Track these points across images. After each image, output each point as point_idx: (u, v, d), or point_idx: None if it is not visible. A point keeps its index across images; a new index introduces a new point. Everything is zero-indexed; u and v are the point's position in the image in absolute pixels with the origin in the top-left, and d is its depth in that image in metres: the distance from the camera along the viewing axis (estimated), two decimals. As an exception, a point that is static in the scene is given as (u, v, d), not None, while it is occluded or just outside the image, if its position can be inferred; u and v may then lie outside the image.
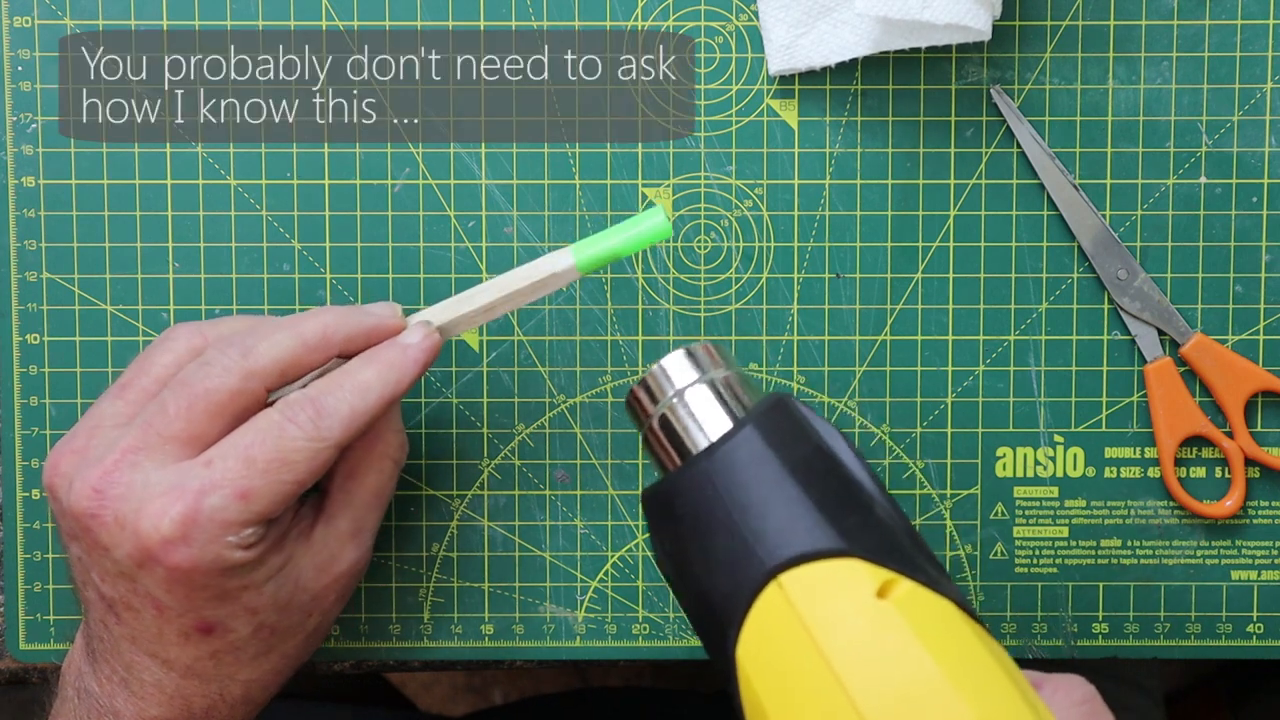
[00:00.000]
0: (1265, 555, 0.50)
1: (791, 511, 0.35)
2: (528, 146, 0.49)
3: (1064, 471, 0.50)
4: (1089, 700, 0.36)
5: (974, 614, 0.35)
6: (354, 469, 0.43)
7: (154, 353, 0.43)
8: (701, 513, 0.36)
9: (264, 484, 0.39)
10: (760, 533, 0.35)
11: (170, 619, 0.40)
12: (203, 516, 0.39)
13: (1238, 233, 0.49)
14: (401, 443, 0.44)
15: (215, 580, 0.40)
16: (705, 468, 0.36)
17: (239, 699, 0.42)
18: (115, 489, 0.39)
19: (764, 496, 0.35)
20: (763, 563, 0.34)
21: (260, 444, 0.39)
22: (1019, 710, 0.32)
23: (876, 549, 0.34)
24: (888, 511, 0.36)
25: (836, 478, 0.36)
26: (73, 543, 0.41)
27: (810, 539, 0.34)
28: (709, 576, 0.35)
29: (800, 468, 0.36)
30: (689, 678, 1.05)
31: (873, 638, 0.32)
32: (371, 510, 0.44)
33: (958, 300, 0.49)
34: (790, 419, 0.37)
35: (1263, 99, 0.49)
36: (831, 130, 0.49)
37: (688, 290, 0.49)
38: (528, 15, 0.49)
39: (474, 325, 0.45)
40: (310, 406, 0.40)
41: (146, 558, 0.39)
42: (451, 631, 0.50)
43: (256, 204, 0.49)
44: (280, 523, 0.42)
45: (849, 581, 0.34)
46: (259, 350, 0.41)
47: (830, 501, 0.35)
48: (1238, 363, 0.49)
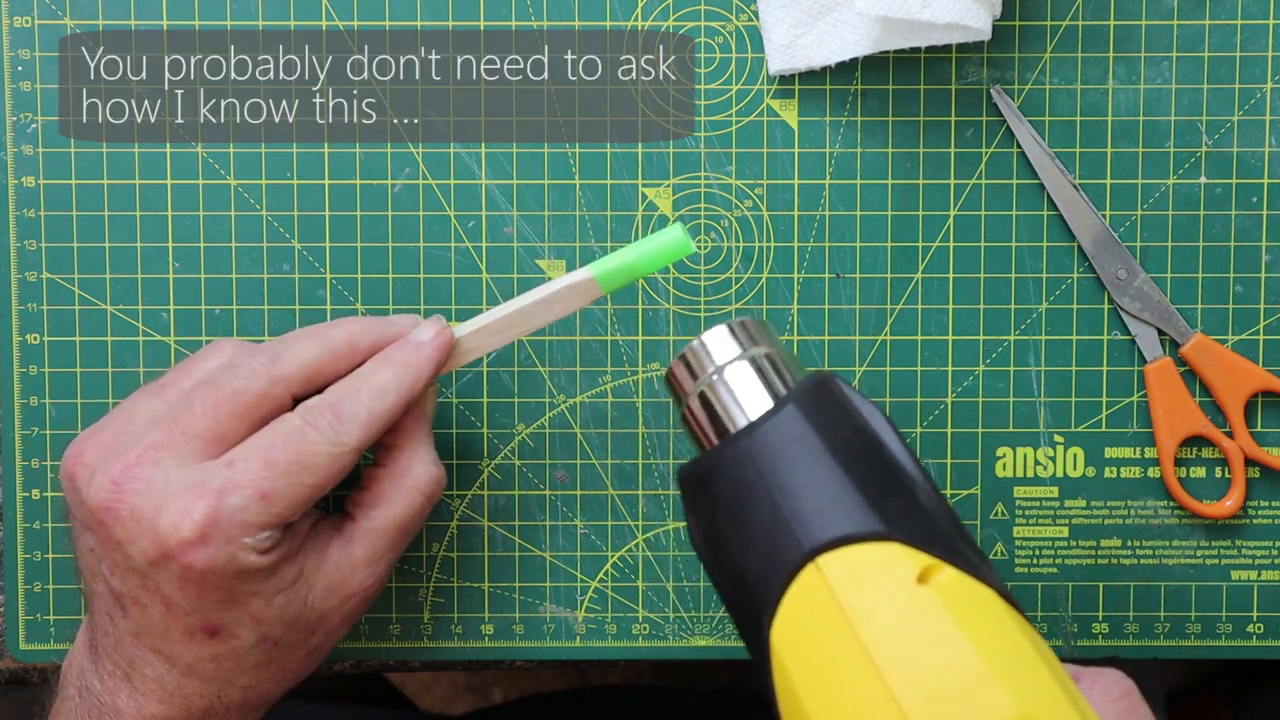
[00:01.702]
0: (1265, 555, 0.50)
1: (832, 493, 0.34)
2: (528, 146, 0.49)
3: (1064, 471, 0.50)
4: (1128, 695, 0.36)
5: (1016, 603, 0.34)
6: (379, 497, 0.43)
7: (198, 358, 0.43)
8: (740, 492, 0.35)
9: (284, 486, 0.40)
10: (799, 514, 0.34)
11: (178, 617, 0.40)
12: (223, 516, 0.39)
13: (1238, 233, 0.49)
14: (433, 476, 0.44)
15: (227, 583, 0.40)
16: (745, 446, 0.35)
17: (236, 703, 0.42)
18: (135, 484, 0.39)
19: (804, 477, 0.34)
20: (801, 544, 0.33)
21: (281, 447, 0.40)
22: (1058, 702, 0.31)
23: (918, 534, 0.33)
24: (930, 496, 0.35)
25: (879, 460, 0.35)
26: (86, 534, 0.41)
27: (850, 521, 0.33)
28: (745, 557, 0.35)
29: (842, 449, 0.35)
30: (689, 678, 1.05)
31: (911, 624, 0.32)
32: (392, 541, 0.43)
33: (958, 300, 0.49)
34: (833, 399, 0.36)
35: (1263, 99, 0.49)
36: (831, 130, 0.49)
37: (688, 290, 0.49)
38: (528, 15, 0.49)
39: (495, 346, 0.45)
40: (329, 412, 0.41)
41: (163, 555, 0.39)
42: (451, 631, 0.50)
43: (256, 204, 0.49)
44: (296, 535, 0.42)
45: (889, 566, 0.33)
46: (286, 356, 0.42)
47: (871, 484, 0.34)
48: (1238, 363, 0.49)
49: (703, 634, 0.50)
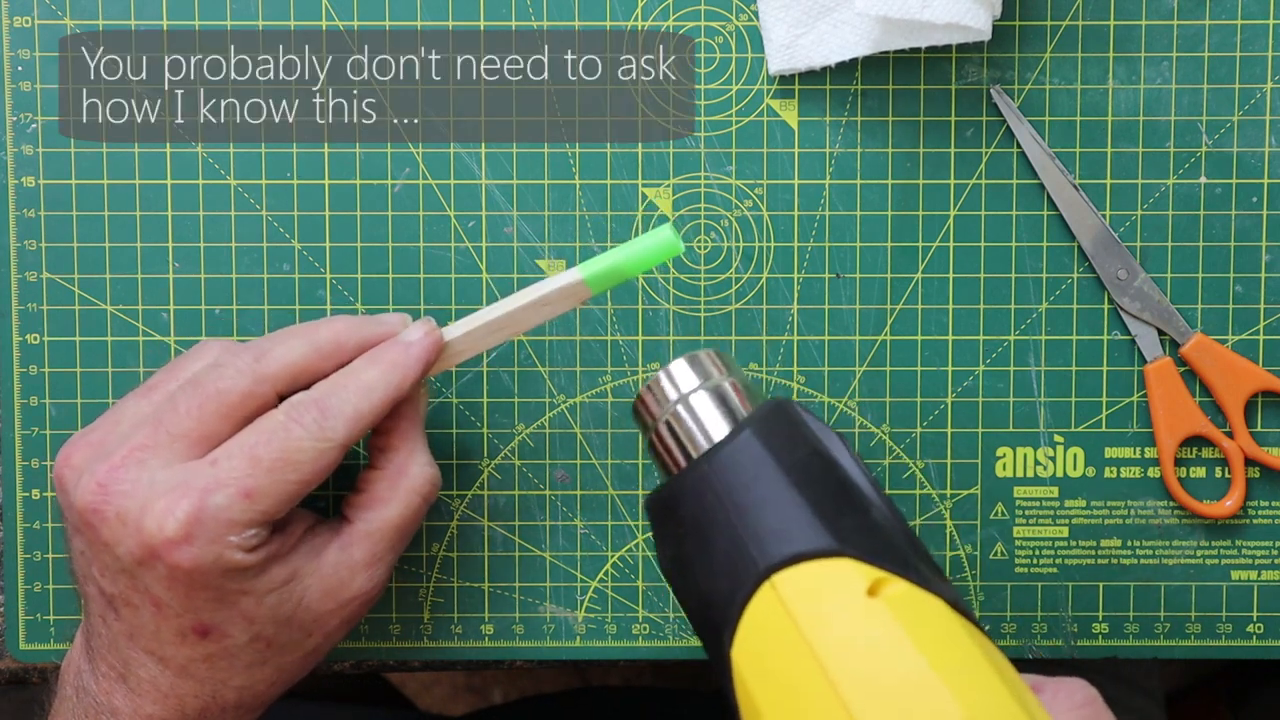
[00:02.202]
0: (1265, 555, 0.50)
1: (786, 513, 0.35)
2: (528, 146, 0.49)
3: (1064, 471, 0.50)
4: (1090, 703, 0.36)
5: (969, 614, 0.34)
6: (375, 499, 0.43)
7: (185, 359, 0.43)
8: (702, 516, 0.36)
9: (269, 483, 0.39)
10: (756, 534, 0.35)
11: (168, 618, 0.40)
12: (207, 515, 0.39)
13: (1238, 233, 0.49)
14: (428, 478, 0.44)
15: (215, 581, 0.40)
16: (705, 471, 0.37)
17: (231, 704, 0.42)
18: (120, 485, 0.39)
19: (760, 498, 0.35)
20: (756, 563, 0.34)
21: (266, 444, 0.40)
22: (1008, 708, 0.32)
23: (870, 549, 0.34)
24: (883, 513, 0.36)
25: (833, 479, 0.36)
26: (76, 536, 0.41)
27: (803, 539, 0.34)
28: (708, 579, 0.36)
29: (797, 470, 0.36)
30: (689, 678, 1.05)
31: (863, 635, 0.32)
32: (390, 543, 0.43)
33: (958, 300, 0.49)
34: (788, 422, 0.37)
35: (1263, 99, 0.49)
36: (831, 130, 0.49)
37: (688, 290, 0.49)
38: (528, 15, 0.49)
39: (485, 347, 0.44)
40: (315, 408, 0.41)
41: (148, 555, 0.39)
42: (451, 631, 0.50)
43: (256, 204, 0.49)
44: (288, 536, 0.42)
45: (840, 580, 0.34)
46: (272, 355, 0.41)
47: (825, 503, 0.35)
48: (1238, 363, 0.49)
49: (703, 634, 0.50)
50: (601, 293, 0.44)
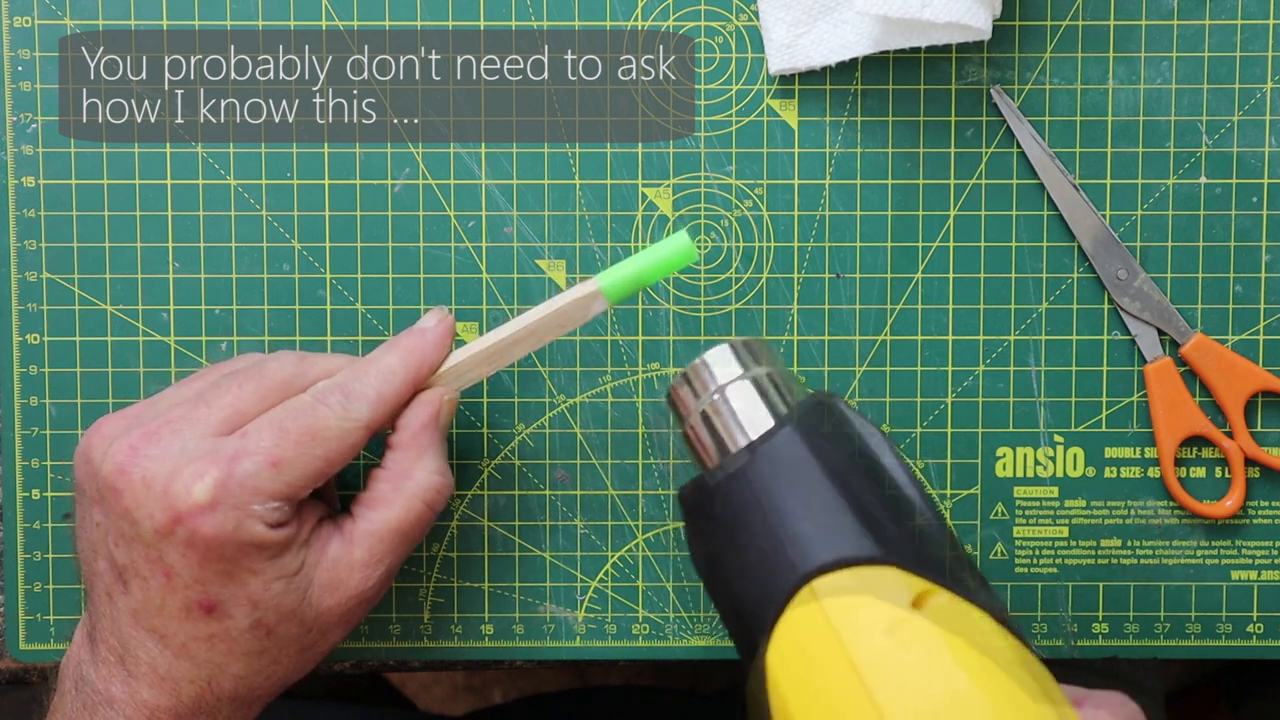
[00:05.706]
0: (1265, 555, 0.50)
1: (828, 517, 0.34)
2: (528, 146, 0.49)
3: (1064, 471, 0.50)
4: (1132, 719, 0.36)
5: (1012, 625, 0.34)
6: (377, 499, 0.43)
7: (228, 361, 0.46)
8: (738, 514, 0.35)
9: (295, 455, 0.41)
10: (795, 537, 0.34)
11: (177, 589, 0.41)
12: (234, 482, 0.40)
13: (1238, 233, 0.49)
14: (435, 484, 0.44)
15: (231, 553, 0.40)
16: (743, 468, 0.36)
17: (228, 694, 0.42)
18: (151, 450, 0.41)
19: (801, 500, 0.34)
20: (796, 568, 0.34)
21: (294, 419, 0.41)
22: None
23: (914, 558, 0.33)
24: (929, 520, 0.35)
25: (876, 482, 0.35)
26: (94, 508, 0.42)
27: (846, 545, 0.33)
28: (743, 580, 0.35)
29: (839, 471, 0.35)
30: (689, 678, 1.05)
31: (905, 650, 0.32)
32: (389, 545, 0.43)
33: (958, 300, 0.49)
34: (832, 420, 0.36)
35: (1263, 99, 0.49)
36: (831, 130, 0.49)
37: (688, 290, 0.49)
38: (528, 15, 0.49)
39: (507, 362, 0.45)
40: (339, 390, 0.43)
41: (172, 520, 0.40)
42: (451, 631, 0.50)
43: (256, 204, 0.49)
44: (304, 522, 0.42)
45: (884, 591, 0.33)
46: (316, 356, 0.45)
47: (869, 507, 0.34)
48: (1238, 363, 0.49)
49: (703, 634, 0.50)
50: (619, 303, 0.44)
